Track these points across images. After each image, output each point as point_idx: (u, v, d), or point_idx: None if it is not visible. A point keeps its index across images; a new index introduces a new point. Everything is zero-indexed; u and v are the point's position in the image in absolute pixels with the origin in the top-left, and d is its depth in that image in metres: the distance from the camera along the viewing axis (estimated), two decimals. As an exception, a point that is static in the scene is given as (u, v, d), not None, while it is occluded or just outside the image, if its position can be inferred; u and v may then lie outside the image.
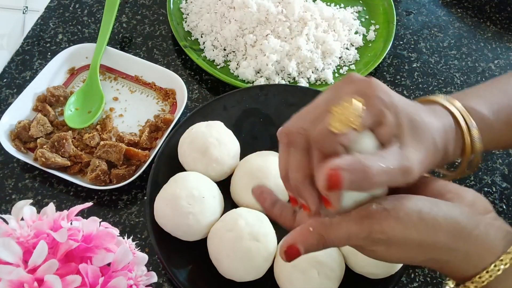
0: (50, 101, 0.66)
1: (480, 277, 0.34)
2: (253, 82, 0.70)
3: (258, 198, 0.42)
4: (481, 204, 0.36)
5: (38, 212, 0.42)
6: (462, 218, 0.34)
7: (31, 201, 0.42)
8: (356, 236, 0.34)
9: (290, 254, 0.35)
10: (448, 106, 0.40)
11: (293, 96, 0.64)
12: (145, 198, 0.56)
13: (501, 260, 0.34)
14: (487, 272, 0.34)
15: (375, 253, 0.35)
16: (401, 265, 0.51)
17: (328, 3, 0.80)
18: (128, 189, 0.61)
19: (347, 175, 0.31)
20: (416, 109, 0.37)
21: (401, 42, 0.78)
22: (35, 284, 0.37)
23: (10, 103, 0.64)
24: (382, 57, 0.73)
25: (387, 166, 0.32)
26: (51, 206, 0.43)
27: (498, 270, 0.34)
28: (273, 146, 0.60)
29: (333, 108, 0.34)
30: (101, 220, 0.43)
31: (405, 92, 0.72)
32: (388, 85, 0.74)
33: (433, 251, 0.34)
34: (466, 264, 0.35)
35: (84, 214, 0.58)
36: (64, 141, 0.61)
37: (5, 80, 0.70)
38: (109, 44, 0.71)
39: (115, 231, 0.43)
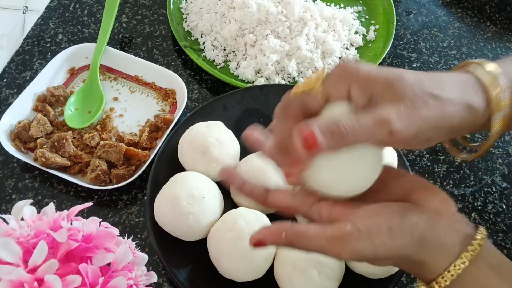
0: (50, 101, 0.66)
1: (442, 277, 0.35)
2: (253, 82, 0.70)
3: (228, 178, 0.43)
4: (446, 208, 0.37)
5: (38, 212, 0.42)
6: (426, 230, 0.35)
7: (31, 201, 0.42)
8: (325, 253, 0.35)
9: (256, 245, 0.37)
10: (466, 66, 0.39)
11: (293, 96, 0.64)
12: (145, 198, 0.56)
13: (461, 258, 0.35)
14: (448, 271, 0.35)
15: (346, 261, 0.38)
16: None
17: (328, 3, 0.80)
18: (128, 189, 0.61)
19: (322, 133, 0.33)
20: (395, 70, 0.36)
21: (401, 42, 0.78)
22: (35, 284, 0.37)
23: (10, 103, 0.64)
24: (382, 57, 0.73)
25: (358, 121, 0.34)
26: (51, 206, 0.43)
27: (459, 269, 0.35)
28: (273, 146, 0.60)
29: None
30: (101, 220, 0.43)
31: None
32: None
33: (396, 260, 0.36)
34: (425, 269, 0.36)
35: (84, 214, 0.58)
36: (64, 141, 0.61)
37: (5, 80, 0.70)
38: (109, 44, 0.71)
39: (115, 231, 0.43)
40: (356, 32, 0.77)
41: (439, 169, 0.66)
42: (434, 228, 0.35)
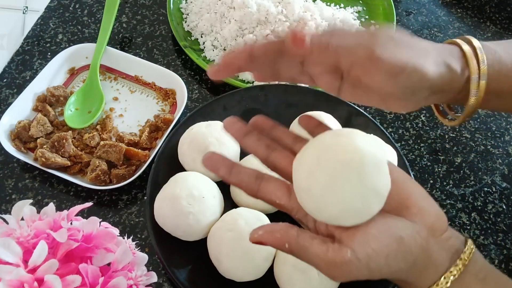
0: (50, 101, 0.66)
1: None
2: (253, 82, 0.70)
3: (211, 168, 0.39)
4: (440, 224, 0.37)
5: (38, 212, 0.42)
6: (419, 255, 0.36)
7: (31, 201, 0.42)
8: (321, 271, 0.35)
9: (255, 243, 0.36)
10: (457, 40, 0.43)
11: (293, 96, 0.64)
12: (145, 198, 0.56)
13: (451, 272, 0.36)
14: (437, 285, 0.36)
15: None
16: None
17: (328, 3, 0.80)
18: (128, 189, 0.61)
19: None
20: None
21: (401, 42, 0.78)
22: (35, 284, 0.37)
23: (10, 103, 0.64)
24: (382, 57, 0.73)
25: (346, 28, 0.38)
26: (51, 206, 0.43)
27: (447, 282, 0.36)
28: (273, 146, 0.60)
29: None
30: (101, 220, 0.43)
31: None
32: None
33: (390, 275, 0.36)
34: (418, 283, 0.37)
35: (84, 214, 0.58)
36: (64, 141, 0.61)
37: (5, 80, 0.70)
38: (109, 44, 0.71)
39: (115, 231, 0.43)
40: (356, 32, 0.77)
41: (439, 169, 0.66)
42: (427, 251, 0.36)
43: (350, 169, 0.34)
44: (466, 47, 0.42)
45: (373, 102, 0.41)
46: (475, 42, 0.43)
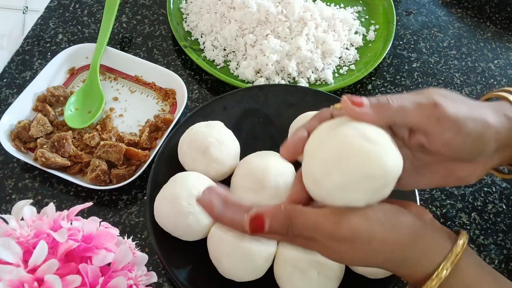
0: (50, 101, 0.66)
1: (431, 279, 0.36)
2: (253, 82, 0.70)
3: (204, 208, 0.37)
4: (426, 215, 0.38)
5: (38, 212, 0.42)
6: (417, 226, 0.36)
7: (31, 201, 0.42)
8: (322, 230, 0.35)
9: (255, 225, 0.35)
10: (503, 94, 0.43)
11: (293, 96, 0.65)
12: (145, 198, 0.56)
13: (450, 255, 0.36)
14: (437, 273, 0.36)
15: (340, 254, 0.36)
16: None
17: (328, 3, 0.80)
18: (128, 189, 0.61)
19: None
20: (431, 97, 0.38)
21: (401, 42, 0.78)
22: (35, 284, 0.37)
23: (10, 103, 0.64)
24: (382, 57, 0.73)
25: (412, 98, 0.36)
26: (51, 206, 0.43)
27: (449, 267, 0.36)
28: (273, 146, 0.60)
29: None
30: (101, 220, 0.43)
31: (405, 92, 0.72)
32: (387, 85, 0.75)
33: (394, 248, 0.36)
34: (420, 263, 0.36)
35: (84, 214, 0.58)
36: (64, 141, 0.61)
37: (5, 80, 0.70)
38: (109, 44, 0.71)
39: (115, 231, 0.43)
40: (356, 32, 0.77)
41: (439, 169, 0.66)
42: (423, 224, 0.36)
43: (369, 179, 0.34)
44: None
45: (436, 178, 0.40)
46: None
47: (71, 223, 0.42)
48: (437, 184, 0.41)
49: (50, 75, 0.68)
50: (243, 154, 0.59)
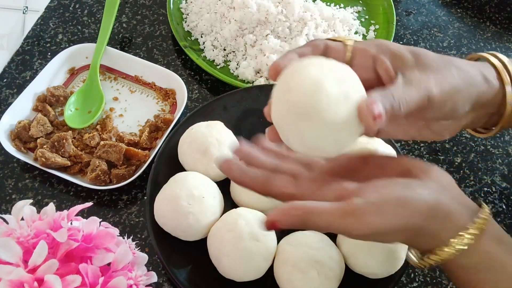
0: (50, 101, 0.66)
1: (450, 247, 0.36)
2: (253, 82, 0.70)
3: (226, 171, 0.42)
4: (446, 180, 0.38)
5: (38, 212, 0.42)
6: (431, 199, 0.36)
7: (31, 201, 0.42)
8: (336, 228, 0.36)
9: (270, 227, 0.37)
10: (484, 55, 0.45)
11: (293, 96, 0.64)
12: (145, 198, 0.56)
13: (468, 229, 0.36)
14: (456, 243, 0.36)
15: (350, 237, 0.37)
16: (401, 265, 0.51)
17: (328, 3, 0.80)
18: (128, 189, 0.61)
19: (383, 103, 0.36)
20: (424, 49, 0.40)
21: (401, 42, 0.78)
22: (35, 284, 0.37)
23: (10, 103, 0.64)
24: (382, 57, 0.73)
25: (406, 95, 0.37)
26: (51, 206, 0.43)
27: (468, 239, 0.36)
28: (273, 146, 0.60)
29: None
30: (101, 220, 0.43)
31: (405, 92, 0.72)
32: (388, 85, 0.74)
33: (406, 231, 0.36)
34: (433, 239, 0.37)
35: (84, 214, 0.58)
36: (64, 141, 0.61)
37: (5, 80, 0.70)
38: (109, 44, 0.71)
39: (115, 231, 0.43)
40: (356, 32, 0.77)
41: (439, 169, 0.66)
42: (440, 199, 0.36)
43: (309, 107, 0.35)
44: (494, 61, 0.43)
45: (412, 130, 0.42)
46: (501, 56, 0.44)
47: (71, 223, 0.42)
48: (412, 136, 0.43)
49: (50, 75, 0.68)
50: (243, 154, 0.59)
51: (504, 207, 0.63)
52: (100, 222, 0.43)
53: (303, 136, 0.37)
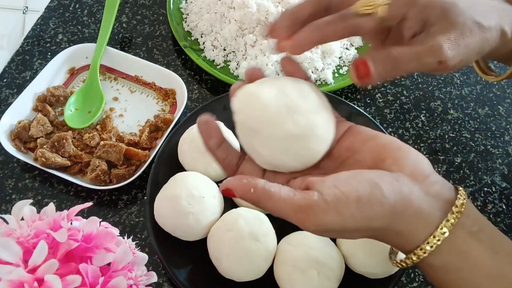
0: (50, 101, 0.66)
1: (421, 249, 0.34)
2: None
3: (204, 133, 0.38)
4: (420, 170, 0.35)
5: (38, 212, 0.42)
6: (398, 200, 0.33)
7: (31, 201, 0.42)
8: (290, 221, 0.34)
9: (226, 193, 0.35)
10: None
11: (293, 96, 0.64)
12: (145, 198, 0.56)
13: (441, 228, 0.34)
14: (427, 243, 0.34)
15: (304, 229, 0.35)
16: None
17: (328, 3, 0.80)
18: (128, 189, 0.61)
19: (373, 61, 0.35)
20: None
21: (401, 42, 0.78)
22: (35, 284, 0.37)
23: (10, 103, 0.64)
24: (382, 57, 0.73)
25: (410, 49, 0.36)
26: (51, 206, 0.43)
27: (438, 240, 0.34)
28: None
29: None
30: (101, 220, 0.43)
31: (404, 92, 0.72)
32: (387, 85, 0.75)
33: (368, 233, 0.35)
34: (403, 240, 0.35)
35: (84, 214, 0.58)
36: (64, 141, 0.61)
37: (5, 80, 0.70)
38: (109, 44, 0.71)
39: (115, 231, 0.43)
40: (356, 32, 0.77)
41: (439, 169, 0.66)
42: (408, 197, 0.34)
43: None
44: None
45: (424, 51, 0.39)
46: None
47: (71, 223, 0.42)
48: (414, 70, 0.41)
49: (50, 75, 0.68)
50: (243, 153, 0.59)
51: (504, 207, 0.63)
52: (100, 222, 0.43)
53: (259, 153, 0.37)
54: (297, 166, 0.37)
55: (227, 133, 0.59)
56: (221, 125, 0.59)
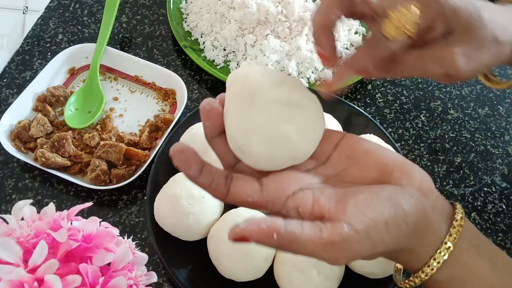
0: (50, 101, 0.66)
1: (428, 266, 0.34)
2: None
3: (181, 163, 0.34)
4: (426, 184, 0.35)
5: (38, 212, 0.42)
6: (417, 216, 0.33)
7: (31, 201, 0.42)
8: (320, 259, 0.32)
9: (237, 239, 0.31)
10: None
11: (293, 96, 0.64)
12: (145, 198, 0.56)
13: (445, 243, 0.34)
14: (434, 259, 0.34)
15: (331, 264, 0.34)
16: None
17: (328, 3, 0.80)
18: (128, 189, 0.61)
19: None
20: (478, 7, 0.37)
21: (401, 42, 0.78)
22: (35, 284, 0.37)
23: (10, 103, 0.64)
24: (382, 57, 0.73)
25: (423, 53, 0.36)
26: (51, 206, 0.43)
27: (444, 255, 0.34)
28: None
29: (389, 12, 0.34)
30: (101, 220, 0.43)
31: (404, 92, 0.72)
32: (387, 85, 0.75)
33: (389, 254, 0.34)
34: (414, 256, 0.35)
35: (84, 214, 0.58)
36: (64, 141, 0.61)
37: (5, 80, 0.70)
38: (109, 44, 0.71)
39: (115, 231, 0.43)
40: (356, 32, 0.77)
41: (439, 169, 0.66)
42: (422, 212, 0.33)
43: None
44: None
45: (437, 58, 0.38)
46: None
47: (71, 223, 0.42)
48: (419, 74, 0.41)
49: (50, 75, 0.68)
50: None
51: (504, 207, 0.63)
52: (100, 222, 0.43)
53: (256, 125, 0.34)
54: (295, 138, 0.34)
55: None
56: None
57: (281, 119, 0.34)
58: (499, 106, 0.73)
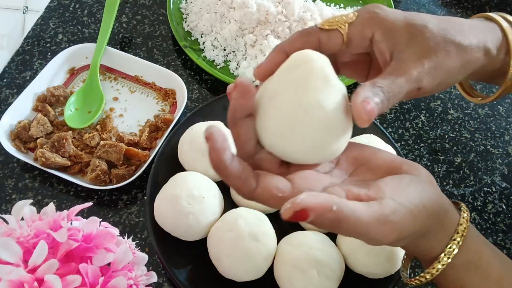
0: (50, 101, 0.66)
1: (450, 247, 0.36)
2: (253, 82, 0.70)
3: (219, 147, 0.32)
4: (431, 178, 0.36)
5: (38, 212, 0.42)
6: (435, 199, 0.35)
7: (31, 201, 0.42)
8: (371, 235, 0.32)
9: (297, 216, 0.29)
10: (494, 16, 0.42)
11: (293, 96, 0.64)
12: (145, 198, 0.56)
13: (461, 224, 0.36)
14: (454, 240, 0.36)
15: (374, 244, 0.34)
16: (400, 265, 0.51)
17: (328, 3, 0.80)
18: (128, 189, 0.61)
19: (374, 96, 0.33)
20: (424, 18, 0.37)
21: (401, 42, 0.78)
22: (35, 284, 0.37)
23: (10, 103, 0.64)
24: (382, 57, 0.73)
25: (394, 83, 0.34)
26: (51, 206, 0.43)
27: (462, 235, 0.36)
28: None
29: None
30: (101, 220, 0.43)
31: (405, 92, 0.72)
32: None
33: (416, 241, 0.35)
34: (436, 240, 0.36)
35: (84, 214, 0.58)
36: (64, 141, 0.61)
37: (5, 80, 0.70)
38: (109, 44, 0.71)
39: (115, 231, 0.43)
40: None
41: (439, 169, 0.66)
42: (440, 197, 0.35)
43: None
44: (505, 24, 0.41)
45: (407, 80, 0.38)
46: (510, 17, 0.42)
47: (71, 223, 0.42)
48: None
49: (50, 75, 0.68)
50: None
51: (504, 207, 0.63)
52: (100, 222, 0.43)
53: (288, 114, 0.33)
54: (338, 135, 0.34)
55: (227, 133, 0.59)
56: (221, 125, 0.59)
57: (332, 114, 0.33)
58: (499, 106, 0.73)
